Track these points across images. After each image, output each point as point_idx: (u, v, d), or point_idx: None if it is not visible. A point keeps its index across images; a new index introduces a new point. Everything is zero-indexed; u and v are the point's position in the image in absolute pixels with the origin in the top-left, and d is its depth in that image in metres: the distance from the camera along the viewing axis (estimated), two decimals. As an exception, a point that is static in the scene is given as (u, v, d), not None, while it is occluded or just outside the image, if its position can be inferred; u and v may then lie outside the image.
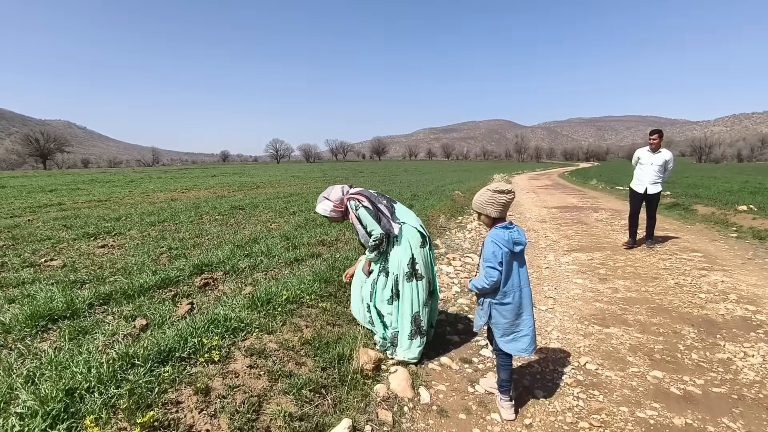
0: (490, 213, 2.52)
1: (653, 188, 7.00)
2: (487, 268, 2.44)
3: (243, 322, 3.05)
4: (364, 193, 3.29)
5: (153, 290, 3.99)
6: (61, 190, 16.71)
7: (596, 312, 4.33)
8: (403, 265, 3.10)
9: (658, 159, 6.90)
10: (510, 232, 2.49)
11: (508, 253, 2.45)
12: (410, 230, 3.20)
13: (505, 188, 2.51)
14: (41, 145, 72.15)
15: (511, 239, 2.46)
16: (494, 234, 2.48)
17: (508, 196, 2.50)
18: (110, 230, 7.42)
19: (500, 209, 2.50)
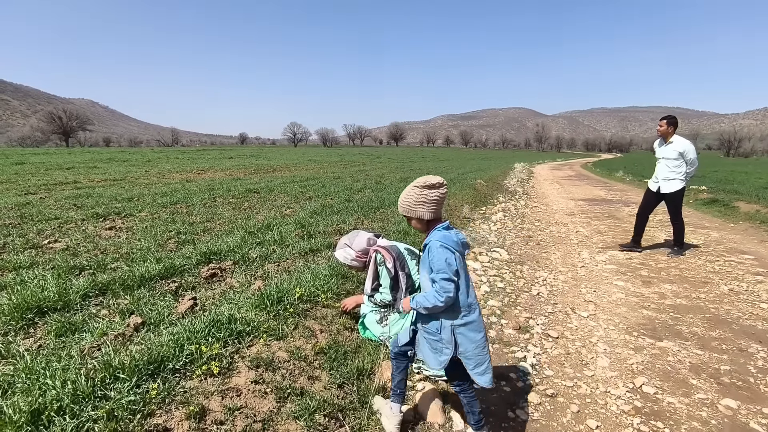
0: (423, 215, 2.05)
1: (667, 186, 6.00)
2: (442, 280, 1.95)
3: (250, 324, 2.67)
4: (393, 251, 2.88)
5: (155, 281, 3.64)
6: (79, 168, 16.63)
7: (644, 321, 3.85)
8: None
9: (669, 151, 5.91)
10: (456, 232, 2.09)
11: (460, 257, 2.03)
12: None
13: (434, 181, 2.03)
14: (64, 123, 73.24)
15: (459, 240, 2.04)
16: (441, 236, 2.01)
17: (440, 191, 2.04)
18: (120, 211, 7.15)
19: (434, 208, 2.05)
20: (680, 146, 5.81)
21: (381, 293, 2.85)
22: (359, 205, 7.89)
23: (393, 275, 2.80)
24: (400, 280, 2.81)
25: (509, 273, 5.07)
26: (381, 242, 2.95)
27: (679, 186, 5.91)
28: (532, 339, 3.42)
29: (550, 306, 4.14)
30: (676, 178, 5.90)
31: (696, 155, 5.87)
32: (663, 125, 5.92)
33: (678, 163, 5.85)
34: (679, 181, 5.90)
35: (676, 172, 5.89)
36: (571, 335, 3.52)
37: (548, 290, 4.58)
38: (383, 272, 2.82)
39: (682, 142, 5.83)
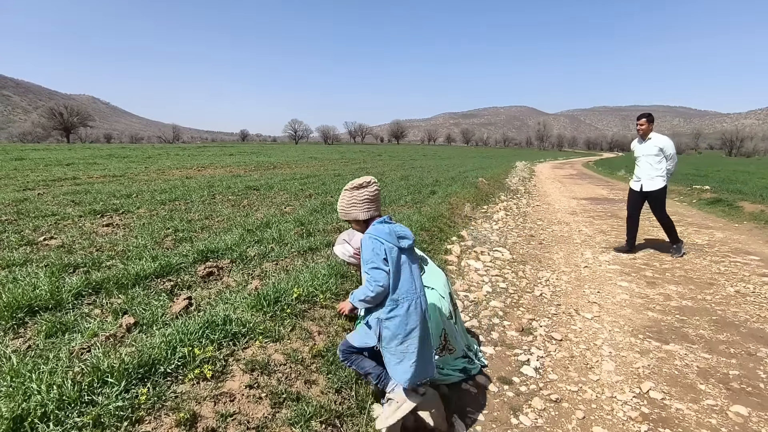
0: (359, 216, 2.12)
1: (649, 184, 5.90)
2: (371, 270, 1.97)
3: (245, 325, 2.59)
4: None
5: (150, 279, 3.56)
6: (78, 164, 16.56)
7: (650, 323, 3.77)
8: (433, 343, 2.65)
9: (649, 148, 5.84)
10: (391, 225, 2.07)
11: (395, 250, 2.00)
12: (436, 297, 2.71)
13: (361, 181, 2.08)
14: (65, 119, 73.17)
15: (394, 232, 2.03)
16: (373, 229, 2.05)
17: (369, 189, 2.08)
18: (118, 208, 7.07)
19: (367, 206, 2.09)
20: (660, 142, 5.75)
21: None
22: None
23: None
24: None
25: (511, 273, 4.99)
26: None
27: (661, 184, 5.84)
28: (536, 341, 3.34)
29: (553, 307, 4.06)
30: (658, 176, 5.82)
31: (675, 151, 5.81)
32: (644, 123, 5.81)
33: (659, 159, 5.78)
34: (661, 179, 5.82)
35: (657, 169, 5.81)
36: (575, 337, 3.44)
37: (551, 291, 4.50)
38: None
39: (661, 138, 5.78)
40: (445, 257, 5.12)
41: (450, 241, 5.85)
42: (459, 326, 2.83)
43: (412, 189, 10.35)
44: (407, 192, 9.72)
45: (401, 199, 8.67)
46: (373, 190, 2.09)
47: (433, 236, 5.82)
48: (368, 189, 2.08)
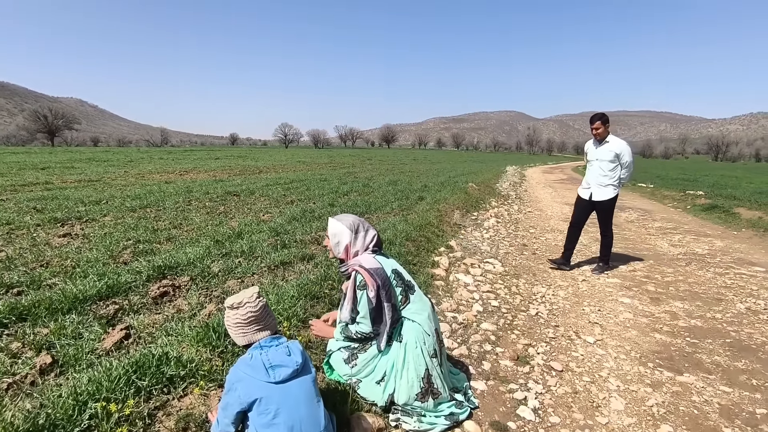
0: (237, 341, 1.72)
1: (599, 193, 5.25)
2: (219, 419, 1.61)
3: (186, 366, 2.14)
4: (378, 276, 2.25)
5: (91, 302, 3.09)
6: (54, 168, 15.90)
7: (659, 347, 3.37)
8: (413, 386, 2.21)
9: (604, 153, 5.15)
10: (264, 352, 1.62)
11: (265, 387, 1.56)
12: (419, 333, 2.28)
13: (238, 300, 1.67)
14: (49, 122, 71.74)
15: (263, 364, 1.58)
16: (240, 362, 1.63)
17: (240, 312, 1.67)
18: (83, 215, 6.56)
19: (244, 330, 1.68)
20: (616, 146, 5.08)
21: (358, 323, 2.29)
22: (343, 210, 7.37)
23: (374, 306, 2.24)
24: (384, 313, 2.26)
25: (504, 288, 4.58)
26: (365, 260, 2.31)
27: (612, 193, 5.19)
28: (533, 373, 2.92)
29: (551, 329, 3.65)
30: (610, 184, 5.17)
31: (632, 159, 5.14)
32: (599, 126, 5.11)
33: (613, 166, 5.13)
34: (612, 188, 5.19)
35: (610, 176, 5.16)
36: (577, 367, 3.03)
37: (548, 309, 4.09)
38: (362, 299, 2.24)
39: (619, 142, 5.13)
40: (433, 271, 4.69)
41: (438, 252, 5.43)
42: (444, 367, 2.39)
43: (399, 195, 9.94)
44: (394, 198, 9.30)
45: (388, 205, 8.26)
46: (245, 313, 1.66)
47: (420, 247, 5.40)
48: (239, 312, 1.66)
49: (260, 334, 1.68)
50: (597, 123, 5.12)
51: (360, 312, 2.25)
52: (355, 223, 2.37)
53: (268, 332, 1.71)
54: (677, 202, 12.52)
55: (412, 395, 2.19)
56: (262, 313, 1.68)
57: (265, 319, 1.70)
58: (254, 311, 1.65)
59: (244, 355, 1.64)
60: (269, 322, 1.72)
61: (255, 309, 1.66)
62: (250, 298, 1.66)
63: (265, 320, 1.70)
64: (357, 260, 2.30)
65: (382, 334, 2.26)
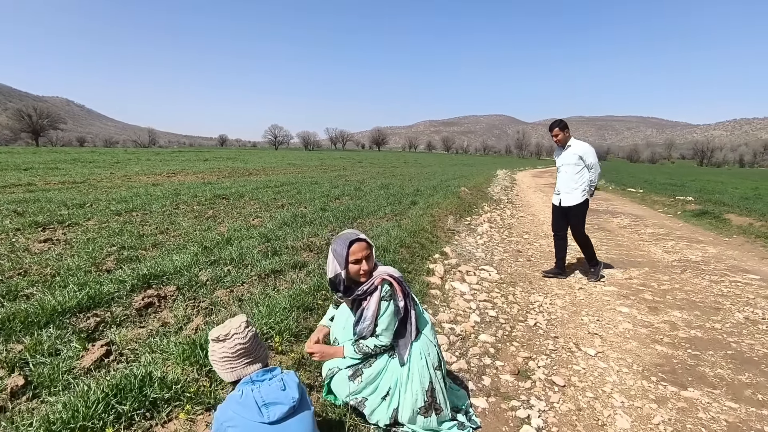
0: (225, 377, 1.56)
1: (568, 198, 5.18)
2: None
3: (171, 387, 1.99)
4: (405, 285, 2.21)
5: (71, 314, 2.92)
6: (37, 169, 15.52)
7: (661, 360, 3.30)
8: (417, 400, 2.10)
9: (568, 157, 5.10)
10: (256, 388, 1.47)
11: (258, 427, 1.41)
12: (424, 342, 2.21)
13: (224, 331, 1.51)
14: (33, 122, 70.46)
15: (255, 402, 1.42)
16: (230, 399, 1.48)
17: (227, 345, 1.51)
18: (65, 219, 6.33)
19: (232, 365, 1.52)
20: (579, 149, 5.05)
21: (378, 336, 2.13)
22: (335, 214, 7.23)
23: (402, 316, 2.14)
24: (410, 322, 2.17)
25: (501, 297, 4.49)
26: (389, 269, 2.20)
27: (580, 198, 5.12)
28: (535, 389, 2.81)
29: (550, 340, 3.56)
30: (578, 189, 5.11)
31: (597, 160, 5.08)
32: (557, 133, 5.09)
33: (579, 169, 5.08)
34: (580, 193, 5.11)
35: (576, 180, 5.11)
36: (579, 382, 2.94)
37: (546, 319, 4.00)
38: (387, 311, 2.11)
39: (581, 144, 5.10)
40: (428, 279, 4.58)
41: (432, 259, 5.33)
42: (446, 381, 2.28)
43: (392, 199, 9.83)
44: (387, 202, 9.18)
45: (380, 210, 8.13)
46: (232, 345, 1.50)
47: (414, 254, 5.29)
48: (226, 344, 1.50)
49: (250, 368, 1.51)
50: (555, 130, 5.10)
51: (381, 324, 2.12)
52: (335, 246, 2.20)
53: (259, 365, 1.53)
54: (667, 207, 12.58)
55: (415, 409, 2.08)
56: (251, 344, 1.51)
57: (255, 350, 1.53)
58: (243, 343, 1.48)
59: (233, 391, 1.48)
60: (260, 353, 1.55)
61: (244, 340, 1.49)
62: (237, 329, 1.49)
63: (255, 352, 1.53)
64: (381, 271, 2.18)
65: (405, 346, 2.16)
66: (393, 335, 2.13)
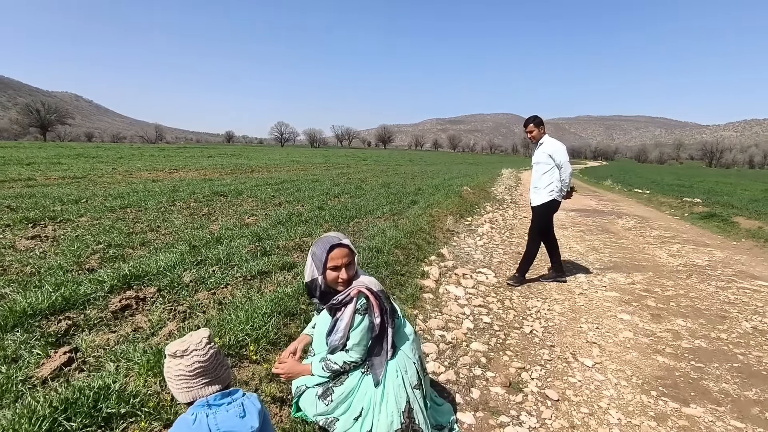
0: (179, 398, 1.38)
1: (533, 198, 4.96)
2: None
3: (128, 401, 1.85)
4: (385, 300, 2.02)
5: (42, 317, 2.80)
6: (40, 164, 15.52)
7: (662, 372, 3.12)
8: (393, 422, 1.93)
9: (538, 155, 4.86)
10: (212, 414, 1.31)
11: None
12: (401, 359, 2.04)
13: (182, 347, 1.34)
14: (41, 116, 70.93)
15: (209, 429, 1.27)
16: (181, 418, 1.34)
17: (185, 362, 1.33)
18: (57, 215, 6.24)
19: (189, 384, 1.34)
20: (549, 147, 4.76)
21: (348, 352, 1.98)
22: (332, 213, 7.09)
23: (377, 333, 1.97)
24: (387, 341, 2.00)
25: (497, 302, 4.32)
26: (369, 281, 2.02)
27: (545, 198, 4.82)
28: (526, 403, 2.65)
29: (546, 350, 3.40)
30: (543, 188, 4.84)
31: (567, 159, 4.73)
32: (532, 129, 4.83)
33: (548, 168, 4.78)
34: (546, 192, 4.81)
35: (543, 180, 4.83)
36: (574, 396, 2.77)
37: (543, 327, 3.83)
38: (360, 325, 1.94)
39: (552, 142, 4.80)
40: (422, 282, 4.43)
41: (428, 261, 5.17)
42: (428, 399, 2.12)
43: (392, 198, 9.67)
44: (386, 201, 9.03)
45: (379, 209, 7.98)
46: (190, 363, 1.33)
47: (410, 255, 5.14)
48: (184, 361, 1.33)
49: (208, 389, 1.35)
50: (530, 126, 4.85)
51: (353, 339, 1.95)
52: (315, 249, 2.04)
53: (218, 387, 1.37)
54: (674, 209, 12.33)
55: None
56: (211, 363, 1.35)
57: (215, 370, 1.36)
58: (202, 361, 1.32)
59: (186, 414, 1.32)
60: (220, 373, 1.38)
61: (203, 358, 1.32)
62: (197, 345, 1.33)
63: (215, 371, 1.36)
64: (360, 281, 2.00)
65: (381, 365, 1.99)
66: (366, 352, 1.98)
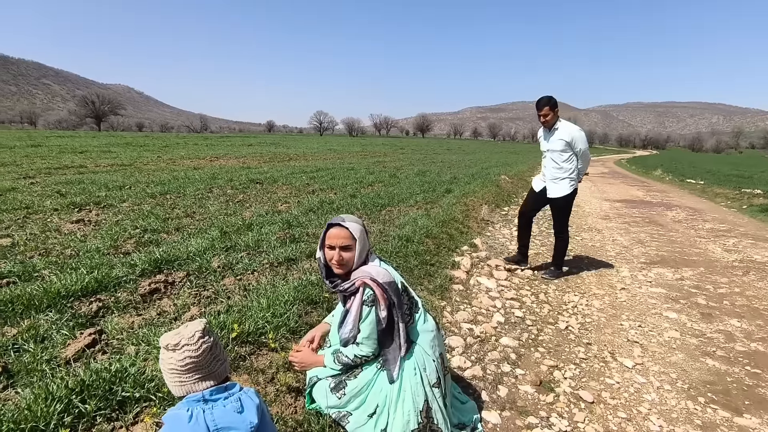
0: (174, 391, 1.30)
1: (554, 189, 4.56)
2: None
3: (143, 385, 1.85)
4: (392, 292, 1.88)
5: (75, 298, 2.88)
6: (92, 152, 16.31)
7: (711, 377, 2.87)
8: (410, 422, 1.82)
9: (555, 142, 4.43)
10: (208, 409, 1.23)
11: None
12: (418, 355, 1.93)
13: (174, 340, 1.25)
14: (96, 108, 74.82)
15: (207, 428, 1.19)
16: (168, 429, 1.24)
17: (176, 356, 1.24)
18: (101, 200, 6.50)
19: (181, 379, 1.26)
20: (566, 133, 4.34)
21: (359, 345, 1.90)
22: (364, 201, 7.02)
23: (384, 327, 1.87)
24: (399, 335, 1.89)
25: (531, 295, 4.13)
26: (376, 271, 1.90)
27: (568, 189, 4.49)
28: (558, 404, 2.49)
29: (582, 347, 3.20)
30: (565, 179, 4.48)
31: (587, 146, 4.45)
32: (547, 112, 4.33)
33: (566, 157, 4.43)
34: (568, 183, 4.48)
35: (564, 169, 4.46)
36: (611, 398, 2.58)
37: (580, 323, 3.62)
38: (368, 317, 1.85)
39: (569, 127, 4.39)
40: (452, 272, 4.29)
41: (460, 251, 5.01)
42: (448, 398, 2.01)
43: (426, 186, 9.50)
44: (420, 190, 8.88)
45: (412, 197, 7.85)
46: (182, 358, 1.25)
47: (441, 245, 5.00)
48: (175, 355, 1.25)
49: (202, 384, 1.28)
50: (545, 109, 4.33)
51: (363, 332, 1.87)
52: (362, 221, 2.01)
53: (212, 382, 1.30)
54: (731, 200, 11.49)
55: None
56: (204, 359, 1.27)
57: (209, 365, 1.29)
58: (194, 357, 1.25)
59: (178, 409, 1.25)
60: (215, 368, 1.31)
61: (194, 354, 1.25)
62: (189, 339, 1.26)
63: (209, 367, 1.29)
64: (365, 271, 1.89)
65: (394, 361, 1.89)
66: (378, 346, 1.89)
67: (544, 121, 4.42)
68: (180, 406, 1.25)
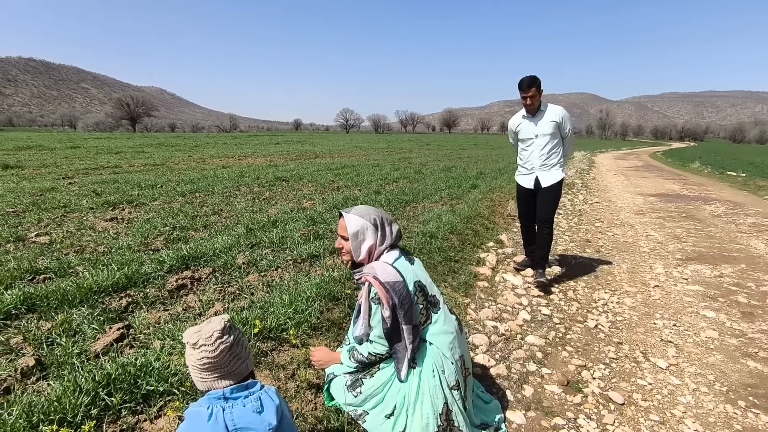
0: (198, 386, 1.30)
1: (547, 177, 4.11)
2: None
3: (167, 379, 1.88)
4: (396, 293, 1.79)
5: (105, 294, 2.97)
6: (126, 153, 16.88)
7: (753, 380, 2.71)
8: (429, 425, 1.79)
9: (544, 126, 4.03)
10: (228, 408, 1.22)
11: None
12: (437, 357, 1.87)
13: (194, 338, 1.25)
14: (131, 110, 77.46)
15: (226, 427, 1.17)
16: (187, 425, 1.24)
17: (196, 355, 1.24)
18: (134, 199, 6.71)
19: (201, 376, 1.26)
20: (555, 114, 4.01)
21: (372, 343, 1.89)
22: (388, 198, 7.00)
23: (388, 327, 1.82)
24: (404, 335, 1.84)
25: (559, 293, 4.01)
26: (380, 269, 1.83)
27: (561, 175, 4.12)
28: (586, 404, 2.40)
29: (612, 347, 3.08)
30: (556, 164, 4.11)
31: (573, 126, 4.12)
32: (534, 93, 3.91)
33: (557, 141, 4.09)
34: (559, 168, 4.12)
35: (555, 153, 4.10)
36: (643, 400, 2.47)
37: (610, 321, 3.49)
38: (376, 315, 1.83)
39: (555, 108, 4.06)
40: (477, 269, 4.22)
41: (485, 247, 4.93)
42: (469, 401, 1.96)
43: (452, 182, 9.40)
44: (445, 186, 8.79)
45: (437, 193, 7.77)
46: (200, 357, 1.25)
47: (465, 241, 4.93)
48: (195, 354, 1.25)
49: (222, 383, 1.29)
50: (532, 90, 3.90)
51: (375, 330, 1.86)
52: (378, 216, 1.91)
53: (231, 381, 1.30)
54: (776, 194, 10.90)
55: None
56: (222, 359, 1.27)
57: (228, 364, 1.28)
58: (211, 358, 1.25)
59: (199, 406, 1.26)
60: (234, 367, 1.30)
61: (212, 355, 1.25)
62: (207, 340, 1.25)
63: (227, 366, 1.28)
64: (371, 268, 1.85)
65: (402, 360, 1.85)
66: (389, 343, 1.86)
67: (530, 103, 4.05)
68: (201, 402, 1.26)
